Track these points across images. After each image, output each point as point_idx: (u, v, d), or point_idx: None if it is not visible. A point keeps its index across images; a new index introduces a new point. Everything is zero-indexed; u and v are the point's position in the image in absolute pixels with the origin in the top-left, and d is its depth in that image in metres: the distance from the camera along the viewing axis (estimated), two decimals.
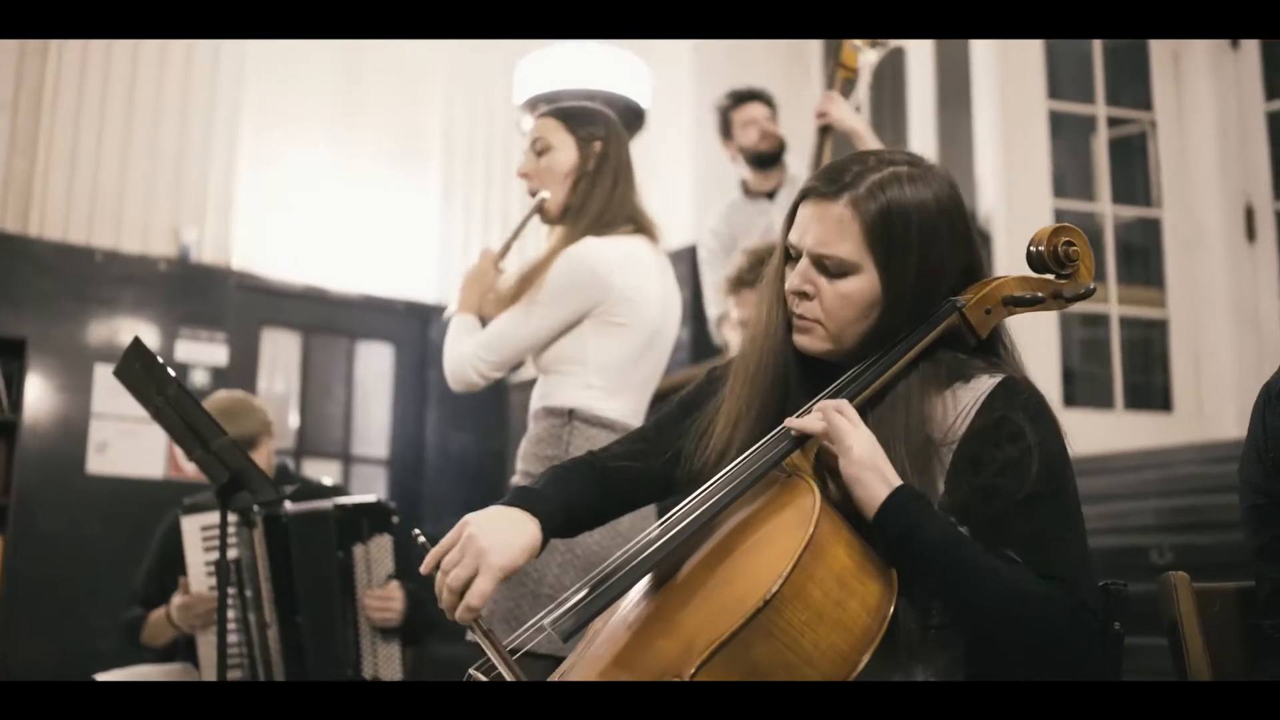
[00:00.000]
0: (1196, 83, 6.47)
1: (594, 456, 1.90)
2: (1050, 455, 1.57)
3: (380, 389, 6.37)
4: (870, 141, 4.32)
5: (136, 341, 2.58)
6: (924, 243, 1.65)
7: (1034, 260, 1.76)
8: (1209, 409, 6.18)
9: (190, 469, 5.48)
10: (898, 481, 1.55)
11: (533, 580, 2.53)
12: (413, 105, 6.53)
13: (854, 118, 4.33)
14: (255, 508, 3.13)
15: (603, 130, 2.81)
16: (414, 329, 6.38)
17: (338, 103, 6.32)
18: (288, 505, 3.10)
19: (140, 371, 2.57)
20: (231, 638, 3.30)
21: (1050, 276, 1.76)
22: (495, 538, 1.62)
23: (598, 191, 2.74)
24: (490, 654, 1.57)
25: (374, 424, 6.33)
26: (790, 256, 1.74)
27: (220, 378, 5.60)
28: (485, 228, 6.63)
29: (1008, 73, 6.36)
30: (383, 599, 3.07)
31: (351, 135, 6.35)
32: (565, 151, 2.78)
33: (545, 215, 2.80)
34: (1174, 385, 6.27)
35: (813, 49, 7.58)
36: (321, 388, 6.18)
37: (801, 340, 1.71)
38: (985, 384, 1.64)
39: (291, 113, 6.19)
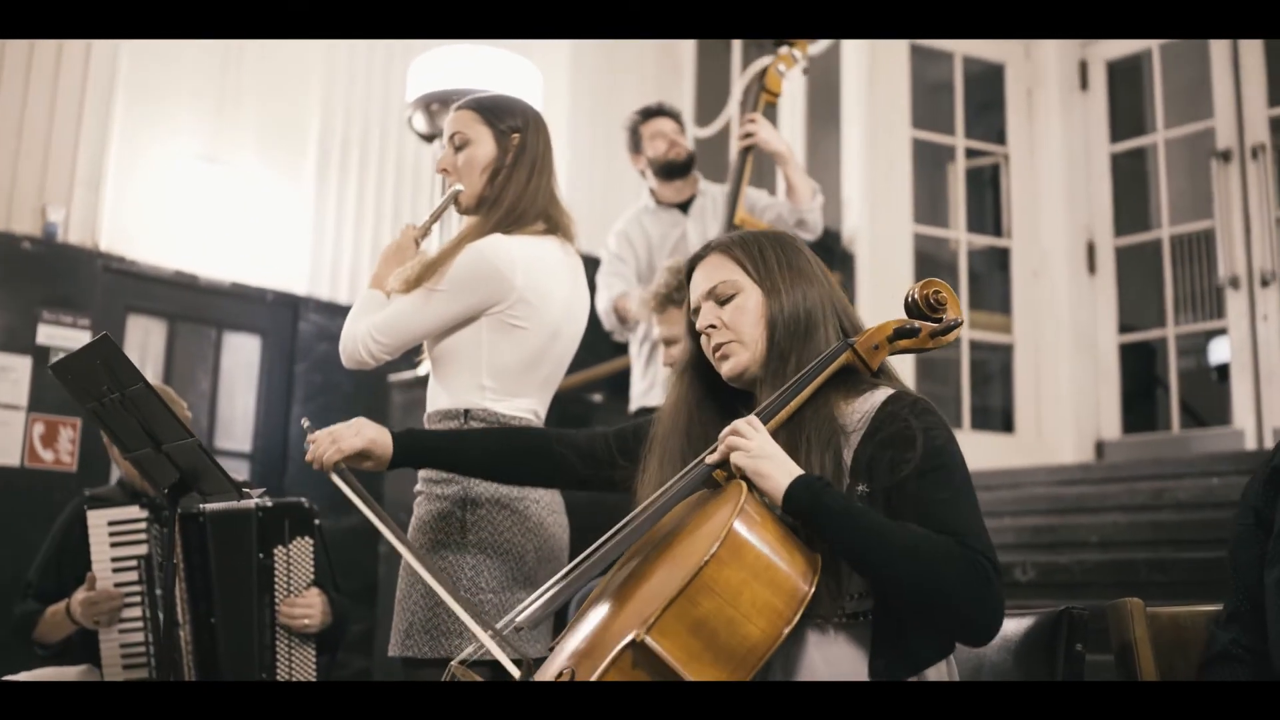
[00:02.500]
0: (1047, 121, 6.83)
1: (555, 430, 2.38)
2: (934, 439, 1.85)
3: (246, 381, 6.24)
4: (794, 163, 4.48)
5: (106, 338, 2.52)
6: (786, 257, 2.06)
7: (910, 308, 2.04)
8: (1047, 432, 6.53)
9: (49, 458, 5.31)
10: (798, 471, 1.81)
11: (447, 587, 2.53)
12: (290, 95, 6.41)
13: (780, 140, 4.49)
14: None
15: (520, 121, 2.78)
16: (283, 321, 6.27)
17: (214, 88, 6.16)
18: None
19: (99, 368, 2.50)
20: (136, 636, 3.24)
21: (921, 321, 2.02)
22: (373, 427, 2.27)
23: (513, 185, 2.71)
24: (352, 497, 2.16)
25: (238, 417, 6.19)
26: (695, 331, 2.11)
27: None
28: (358, 221, 6.56)
29: (875, 99, 6.61)
30: (304, 606, 3.05)
31: (227, 122, 6.19)
32: (484, 145, 2.73)
33: (459, 206, 2.78)
34: (1016, 408, 6.62)
35: (686, 53, 7.72)
36: (186, 378, 6.01)
37: (725, 366, 2.05)
38: (880, 394, 1.95)
39: (167, 94, 6.00)
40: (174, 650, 2.97)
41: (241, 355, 6.22)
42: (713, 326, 2.05)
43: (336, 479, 2.21)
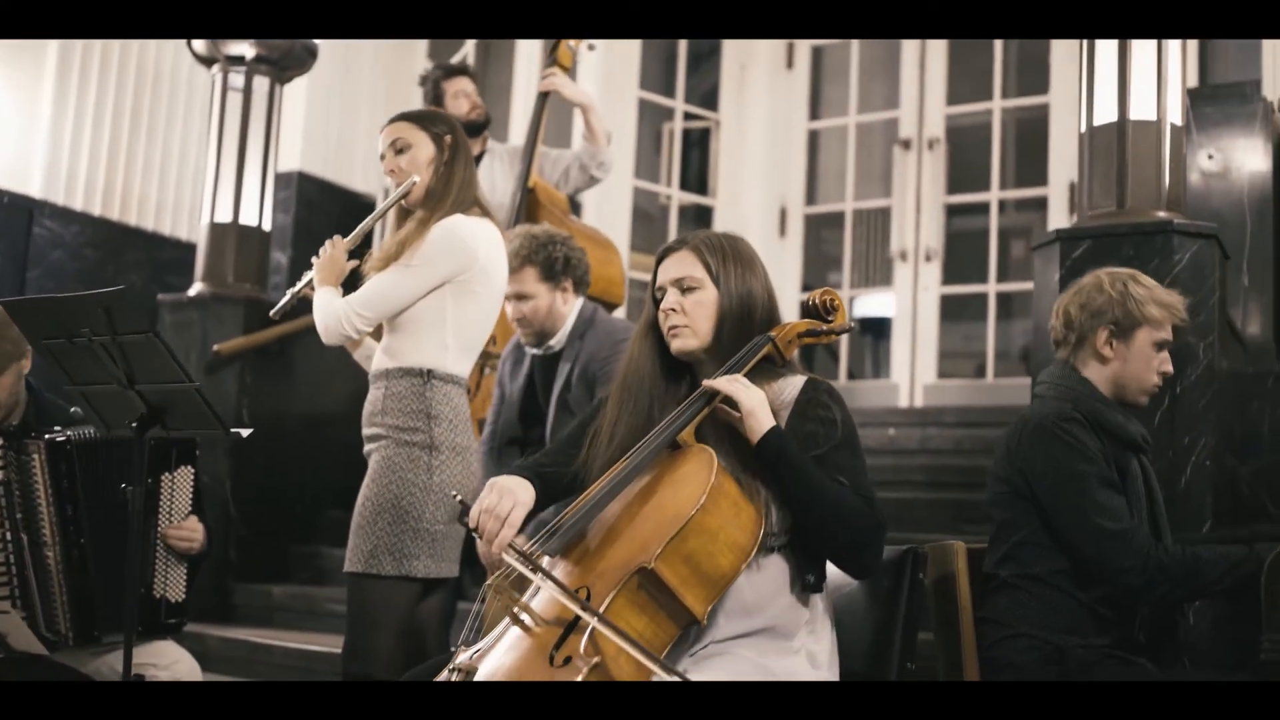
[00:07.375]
0: (755, 95, 7.53)
1: (532, 464, 2.56)
2: (847, 422, 2.46)
3: None
4: (595, 110, 4.96)
5: (121, 292, 2.70)
6: (739, 269, 2.49)
7: (808, 310, 2.61)
8: None
9: None
10: (773, 422, 2.37)
11: (412, 519, 3.08)
12: None
13: (580, 91, 4.97)
14: (33, 433, 3.23)
15: (447, 127, 3.29)
16: (17, 226, 6.12)
17: None
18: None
19: (99, 314, 2.68)
20: None
21: (820, 322, 2.59)
22: (518, 485, 2.39)
23: (455, 178, 3.21)
24: (527, 572, 2.24)
25: None
26: (656, 301, 2.56)
27: None
28: (96, 126, 6.46)
29: (610, 60, 7.08)
30: (189, 530, 3.30)
31: None
32: (423, 147, 3.22)
33: (408, 199, 3.23)
34: None
35: None
36: None
37: (677, 343, 2.49)
38: (797, 380, 2.51)
39: None
40: (37, 567, 3.16)
41: None
42: (673, 310, 2.48)
43: (510, 559, 2.25)
